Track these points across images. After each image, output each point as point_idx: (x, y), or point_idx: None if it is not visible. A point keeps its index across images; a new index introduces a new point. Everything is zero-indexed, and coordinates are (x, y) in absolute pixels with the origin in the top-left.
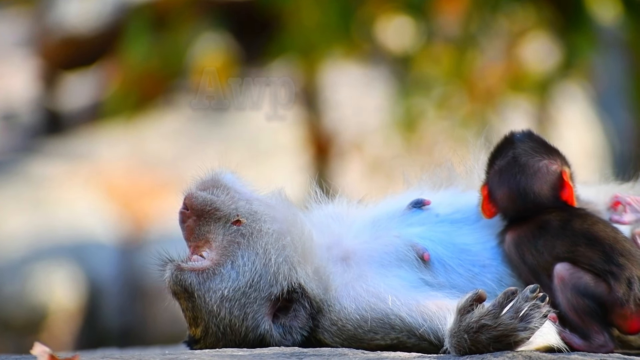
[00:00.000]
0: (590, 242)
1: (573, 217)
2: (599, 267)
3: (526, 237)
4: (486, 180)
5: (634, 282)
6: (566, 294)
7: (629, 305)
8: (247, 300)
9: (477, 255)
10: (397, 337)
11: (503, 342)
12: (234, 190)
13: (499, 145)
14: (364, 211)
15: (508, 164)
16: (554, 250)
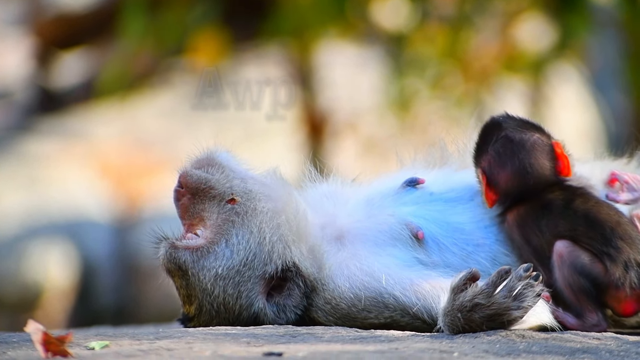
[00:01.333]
0: (591, 222)
1: (575, 197)
2: (597, 248)
3: (529, 217)
4: (482, 168)
5: (631, 266)
6: (563, 271)
7: (624, 289)
8: (241, 279)
9: (470, 234)
10: (390, 315)
11: (496, 321)
12: (228, 168)
13: (484, 132)
14: (358, 190)
15: (503, 145)
16: (556, 229)
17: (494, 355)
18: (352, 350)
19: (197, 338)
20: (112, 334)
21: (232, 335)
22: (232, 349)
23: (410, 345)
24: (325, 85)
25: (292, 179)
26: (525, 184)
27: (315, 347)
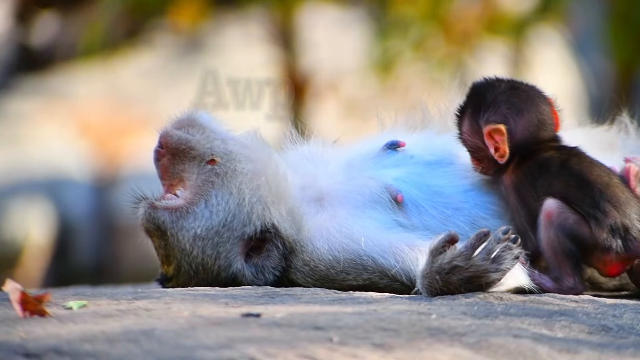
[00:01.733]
0: (582, 183)
1: (571, 156)
2: (585, 210)
3: (527, 178)
4: (499, 121)
5: (617, 231)
6: (549, 231)
7: (611, 253)
8: (220, 240)
9: (450, 198)
10: (369, 278)
11: (474, 283)
12: (209, 129)
13: (482, 91)
14: (339, 152)
15: (515, 95)
16: (550, 189)
17: (472, 317)
18: (330, 312)
19: (176, 298)
20: (90, 294)
21: (210, 296)
22: (211, 310)
23: (389, 307)
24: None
25: (272, 140)
26: (540, 133)
27: (294, 308)
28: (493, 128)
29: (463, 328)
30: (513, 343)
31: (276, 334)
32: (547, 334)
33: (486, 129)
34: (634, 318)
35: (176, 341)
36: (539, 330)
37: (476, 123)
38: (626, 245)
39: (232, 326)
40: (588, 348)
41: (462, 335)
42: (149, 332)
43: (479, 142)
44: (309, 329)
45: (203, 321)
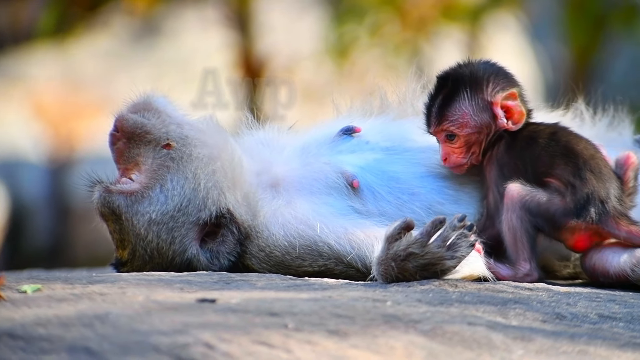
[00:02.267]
0: (567, 152)
1: (559, 130)
2: (565, 179)
3: (513, 151)
4: (505, 87)
5: (592, 201)
6: (511, 214)
7: (579, 220)
8: (175, 225)
9: (405, 183)
10: (324, 264)
11: (430, 270)
12: (165, 113)
13: (472, 71)
14: (295, 138)
15: (498, 67)
16: (537, 161)
17: (427, 304)
18: (285, 298)
19: (130, 283)
20: (45, 278)
21: (165, 281)
22: (166, 295)
23: (344, 294)
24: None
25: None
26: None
27: (249, 294)
28: (507, 94)
29: (418, 315)
30: (468, 330)
31: (231, 319)
32: (502, 322)
33: (498, 97)
34: (588, 306)
35: (131, 326)
36: (494, 318)
37: (481, 99)
38: (599, 217)
39: (187, 311)
40: (542, 336)
41: (417, 322)
42: (103, 317)
43: (486, 118)
44: (264, 315)
45: (158, 306)
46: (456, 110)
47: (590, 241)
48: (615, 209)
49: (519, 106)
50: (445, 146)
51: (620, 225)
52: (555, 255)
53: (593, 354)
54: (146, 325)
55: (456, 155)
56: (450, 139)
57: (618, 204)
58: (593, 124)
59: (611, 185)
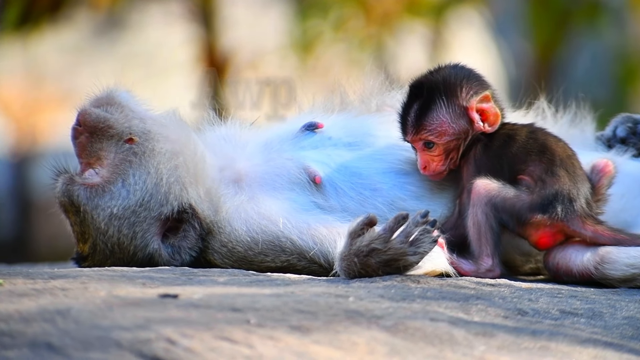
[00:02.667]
0: (544, 151)
1: (537, 129)
2: (537, 175)
3: (492, 151)
4: (479, 91)
5: (560, 197)
6: (476, 209)
7: (545, 216)
8: (137, 219)
9: (368, 179)
10: (287, 259)
11: (392, 266)
12: (128, 108)
13: (445, 76)
14: (258, 133)
15: (469, 70)
16: (514, 160)
17: (389, 300)
18: (248, 293)
19: (92, 278)
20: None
21: (127, 276)
22: (128, 290)
23: (307, 289)
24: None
25: (191, 120)
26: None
27: (212, 290)
28: (481, 97)
29: (380, 311)
30: (430, 326)
31: (193, 315)
32: (464, 318)
33: (472, 102)
34: (550, 302)
35: (92, 321)
36: (456, 314)
37: (457, 105)
38: (565, 214)
39: (149, 307)
40: (504, 332)
41: (380, 318)
42: (65, 312)
43: (463, 124)
44: (226, 310)
45: (120, 301)
46: (434, 119)
47: (554, 239)
48: (583, 210)
49: (493, 108)
50: (424, 154)
51: (587, 225)
52: (517, 251)
53: (554, 350)
54: (108, 321)
55: (436, 163)
56: (429, 147)
57: (586, 205)
58: (555, 122)
59: (582, 187)
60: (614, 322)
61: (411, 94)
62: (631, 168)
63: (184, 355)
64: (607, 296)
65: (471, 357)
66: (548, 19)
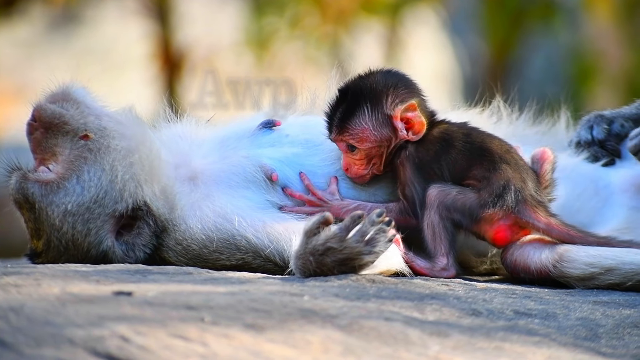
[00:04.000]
0: (483, 153)
1: (471, 130)
2: (481, 175)
3: (428, 154)
4: (405, 99)
5: (508, 189)
6: (430, 211)
7: (496, 209)
8: (91, 216)
9: (323, 177)
10: (242, 257)
11: (348, 265)
12: (84, 104)
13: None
14: (214, 131)
15: (398, 77)
16: (455, 165)
17: (344, 299)
18: (203, 291)
19: (46, 275)
20: None
21: (81, 273)
22: (81, 287)
23: (261, 288)
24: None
25: (148, 117)
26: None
27: (166, 287)
28: (406, 106)
29: (335, 310)
30: (384, 326)
31: (147, 312)
32: (418, 317)
33: (397, 111)
34: (504, 302)
35: (46, 318)
36: (410, 314)
37: (381, 114)
38: (515, 203)
39: (103, 304)
40: (458, 332)
41: (334, 317)
42: (18, 309)
43: (387, 132)
44: (180, 308)
45: (73, 298)
46: (356, 124)
47: (511, 233)
48: (532, 197)
49: (418, 117)
50: (347, 156)
51: (539, 215)
52: (473, 251)
53: (509, 350)
54: (61, 318)
55: (357, 166)
56: (351, 149)
57: (535, 192)
58: (510, 122)
59: (527, 176)
60: (567, 323)
61: (338, 96)
62: (586, 169)
63: (137, 353)
64: (561, 297)
65: (425, 357)
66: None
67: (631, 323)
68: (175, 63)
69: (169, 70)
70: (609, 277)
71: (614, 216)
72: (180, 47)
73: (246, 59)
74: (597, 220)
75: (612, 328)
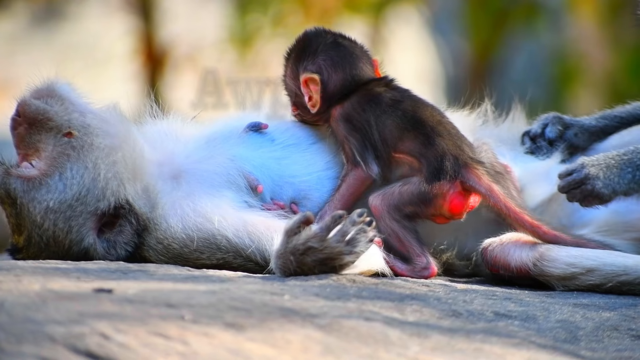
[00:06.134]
0: (415, 125)
1: (404, 98)
2: (417, 152)
3: (355, 110)
4: (315, 71)
5: (447, 159)
6: (384, 220)
7: (442, 182)
8: (73, 214)
9: (309, 184)
10: (223, 257)
11: (328, 265)
12: (68, 101)
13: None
14: (200, 130)
15: (337, 51)
16: (385, 130)
17: (324, 298)
18: (183, 290)
19: (27, 271)
20: None
21: (62, 270)
22: (62, 284)
23: (242, 287)
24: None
25: (132, 114)
26: (352, 86)
27: (147, 285)
28: (309, 77)
29: (315, 309)
30: (364, 326)
31: (128, 310)
32: (399, 318)
33: (302, 77)
34: (484, 304)
35: (26, 315)
36: (391, 314)
37: (296, 69)
38: (456, 170)
39: (84, 301)
40: (438, 332)
41: (314, 316)
42: None
43: (296, 88)
44: (161, 306)
45: (54, 295)
46: (284, 68)
47: (463, 199)
48: (471, 159)
49: (315, 93)
50: None
51: (481, 179)
52: (458, 255)
53: (488, 352)
54: (41, 315)
55: (292, 109)
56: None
57: (472, 154)
58: (496, 125)
59: (462, 142)
60: (547, 325)
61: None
62: None
63: (117, 351)
64: (541, 299)
65: (405, 357)
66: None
67: (611, 326)
68: (158, 59)
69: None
70: (589, 278)
71: (593, 218)
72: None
73: (229, 56)
74: (575, 221)
75: (592, 331)
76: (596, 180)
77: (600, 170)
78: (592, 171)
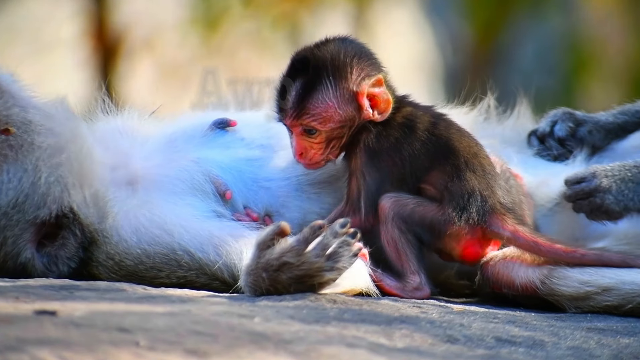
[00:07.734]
0: (447, 154)
1: (439, 120)
2: (441, 185)
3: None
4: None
5: (474, 200)
6: (387, 225)
7: (461, 224)
8: (8, 223)
9: (281, 189)
10: (184, 275)
11: (306, 282)
12: (8, 94)
13: (327, 56)
14: (159, 127)
15: (360, 48)
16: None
17: (300, 321)
18: (138, 311)
19: None
20: None
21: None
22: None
23: (206, 308)
24: None
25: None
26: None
27: (96, 306)
28: (374, 81)
29: (290, 334)
30: (346, 353)
31: (74, 335)
32: (386, 344)
33: (364, 86)
34: (484, 328)
35: None
36: (377, 340)
37: (346, 89)
38: (482, 216)
39: (23, 325)
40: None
41: (289, 342)
42: None
43: (351, 110)
44: (112, 330)
45: None
46: (319, 102)
47: (481, 247)
48: (500, 205)
49: (385, 94)
50: (302, 140)
51: (506, 224)
52: (456, 273)
53: None
54: None
55: (314, 151)
56: (310, 133)
57: (503, 199)
58: (499, 123)
59: (495, 183)
60: (557, 353)
61: (293, 70)
62: None
63: None
64: (550, 322)
65: None
66: None
67: (630, 354)
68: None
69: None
70: (606, 298)
71: (610, 229)
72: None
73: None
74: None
75: (609, 359)
76: (607, 194)
77: (614, 183)
78: (604, 183)
